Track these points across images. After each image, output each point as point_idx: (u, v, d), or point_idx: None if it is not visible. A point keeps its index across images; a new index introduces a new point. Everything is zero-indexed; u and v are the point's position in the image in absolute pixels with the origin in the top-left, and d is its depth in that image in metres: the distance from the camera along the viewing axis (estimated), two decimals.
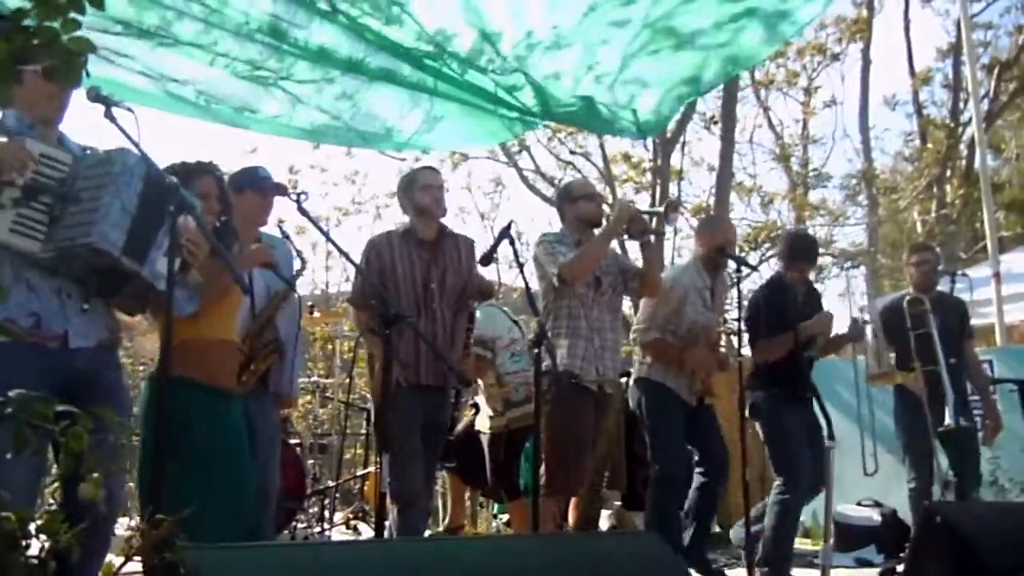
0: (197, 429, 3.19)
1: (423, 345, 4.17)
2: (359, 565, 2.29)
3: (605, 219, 4.72)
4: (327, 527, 6.75)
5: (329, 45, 4.55)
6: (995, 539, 3.60)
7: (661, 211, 4.67)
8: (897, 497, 5.74)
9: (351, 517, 7.23)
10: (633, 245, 6.16)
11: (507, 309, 6.19)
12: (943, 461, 5.22)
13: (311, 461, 7.61)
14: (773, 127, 17.22)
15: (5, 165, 2.66)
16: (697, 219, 15.02)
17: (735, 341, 5.00)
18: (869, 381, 5.35)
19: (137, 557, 1.65)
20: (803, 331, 4.91)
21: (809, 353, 5.03)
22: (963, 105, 15.69)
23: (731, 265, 5.03)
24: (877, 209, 16.78)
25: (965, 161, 15.10)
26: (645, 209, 4.73)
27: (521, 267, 4.19)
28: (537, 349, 3.86)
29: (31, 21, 1.46)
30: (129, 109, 2.72)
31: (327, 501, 7.11)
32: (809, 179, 17.32)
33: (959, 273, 5.56)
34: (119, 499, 3.11)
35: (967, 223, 15.96)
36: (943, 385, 5.09)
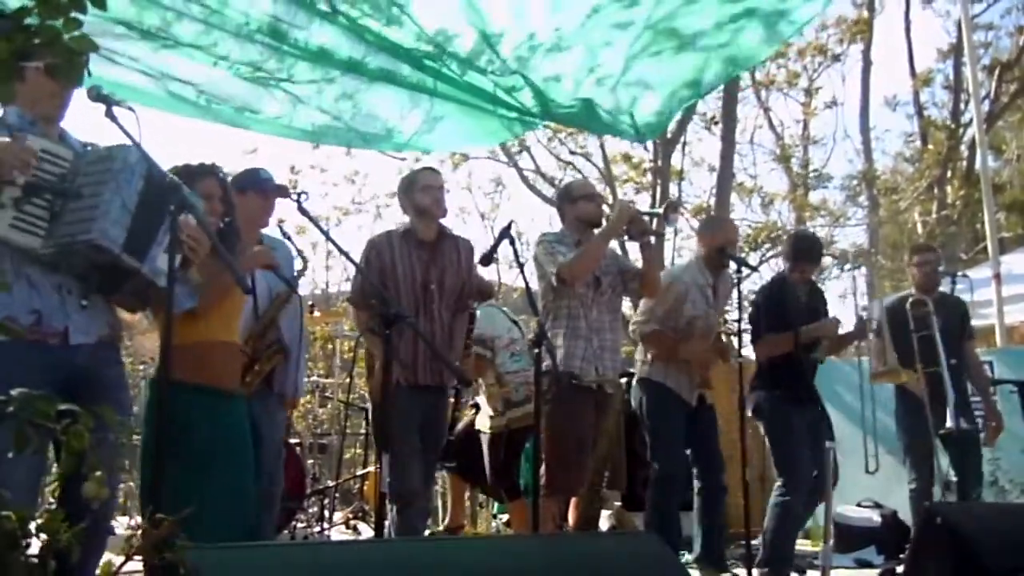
0: (198, 431, 3.18)
1: (421, 345, 4.18)
2: (359, 565, 2.29)
3: (605, 219, 4.73)
4: (327, 527, 6.75)
5: (329, 46, 4.55)
6: (995, 540, 3.60)
7: (661, 212, 4.67)
8: (897, 498, 5.74)
9: (351, 517, 7.23)
10: (633, 246, 6.17)
11: (506, 309, 6.19)
12: (944, 462, 5.22)
13: (311, 461, 7.62)
14: (774, 128, 17.27)
15: (6, 165, 2.66)
16: (698, 219, 15.05)
17: (735, 341, 4.99)
18: (872, 379, 5.35)
19: (137, 557, 1.65)
20: (804, 334, 4.92)
21: (814, 356, 5.02)
22: (964, 106, 15.72)
23: (732, 265, 5.04)
24: (878, 210, 16.80)
25: (966, 162, 15.12)
26: (645, 210, 4.73)
27: (521, 267, 4.20)
28: (537, 349, 3.87)
29: (33, 20, 1.47)
30: (130, 108, 2.71)
31: (327, 501, 7.11)
32: (810, 180, 17.35)
33: (959, 274, 5.57)
34: (115, 497, 3.10)
35: (968, 224, 15.97)
36: (944, 386, 5.09)
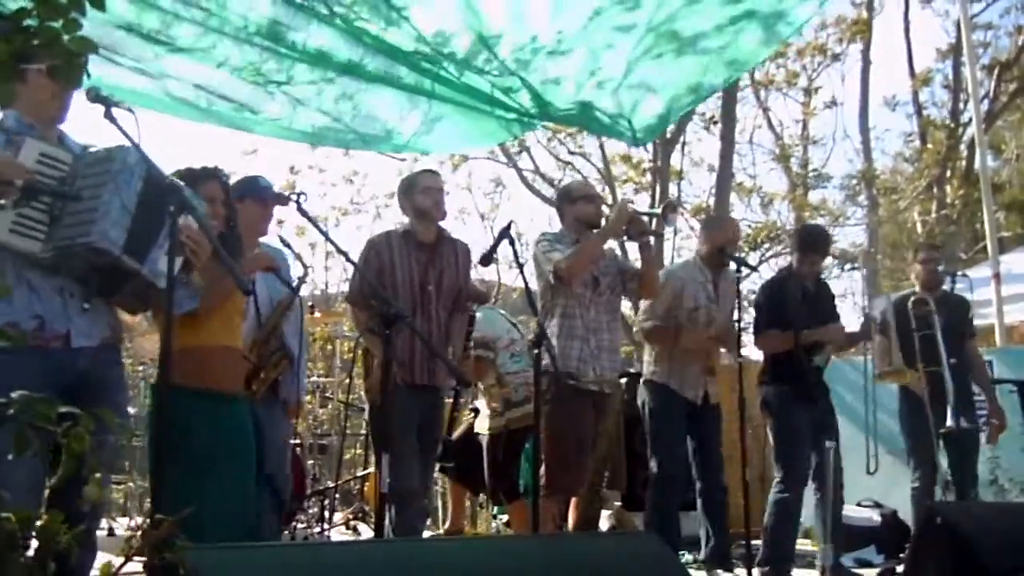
0: (199, 435, 3.18)
1: (418, 345, 4.20)
2: (359, 565, 2.29)
3: (604, 220, 4.73)
4: (327, 527, 6.74)
5: (327, 48, 4.55)
6: (995, 539, 3.60)
7: (659, 212, 4.67)
8: (897, 498, 5.74)
9: (351, 517, 7.22)
10: (633, 246, 6.18)
11: (504, 311, 6.22)
12: (943, 461, 5.22)
13: (311, 461, 7.61)
14: (773, 128, 17.24)
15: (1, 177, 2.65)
16: (697, 219, 15.05)
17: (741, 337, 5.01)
18: (877, 379, 5.35)
19: (138, 557, 1.65)
20: (805, 337, 4.94)
21: (816, 361, 5.02)
22: (963, 106, 15.71)
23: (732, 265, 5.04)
24: (877, 210, 16.79)
25: (965, 162, 15.11)
26: (644, 210, 4.73)
27: (521, 267, 4.21)
28: (537, 349, 3.87)
29: (32, 21, 1.47)
30: (129, 109, 2.70)
31: (327, 501, 7.10)
32: (809, 180, 17.34)
33: (959, 273, 5.57)
34: (108, 500, 3.10)
35: (967, 223, 15.97)
36: (946, 386, 5.10)
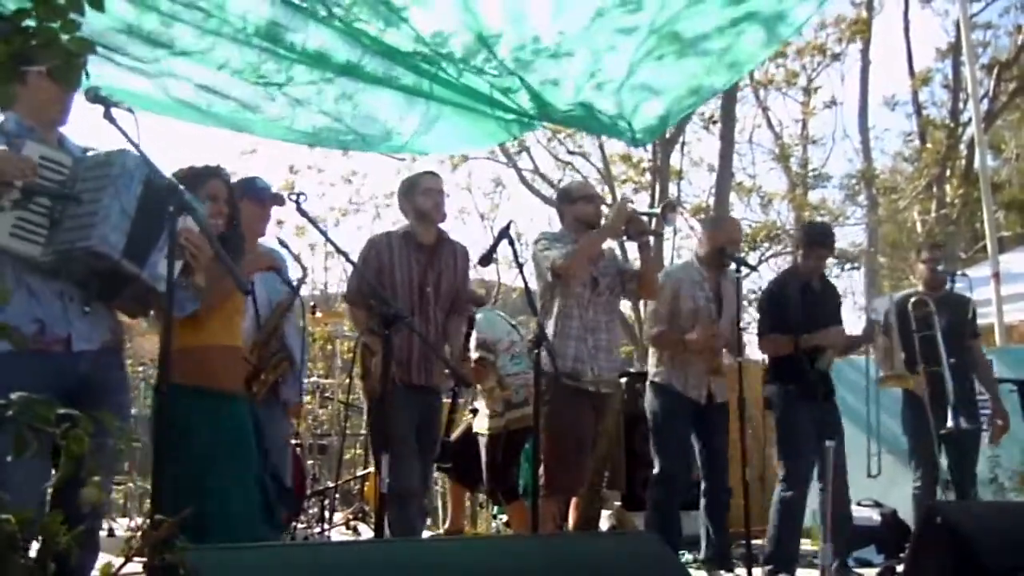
0: (199, 434, 3.18)
1: (415, 345, 4.21)
2: (359, 565, 2.29)
3: (604, 220, 4.72)
4: (327, 528, 6.74)
5: (326, 49, 4.54)
6: (995, 539, 3.60)
7: (659, 212, 4.67)
8: (897, 497, 5.74)
9: (351, 518, 7.22)
10: (633, 247, 6.18)
11: (504, 313, 6.23)
12: (943, 462, 5.22)
13: (311, 462, 7.61)
14: (772, 127, 17.24)
15: (6, 175, 2.64)
16: (697, 219, 15.05)
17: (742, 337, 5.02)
18: (880, 384, 5.36)
19: (138, 558, 1.65)
20: (805, 341, 4.95)
21: (818, 365, 5.02)
22: (963, 105, 15.71)
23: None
24: (877, 209, 16.80)
25: (965, 161, 15.10)
26: (643, 210, 4.73)
27: (520, 267, 4.21)
28: (536, 350, 3.87)
29: (31, 22, 1.46)
30: (129, 109, 2.69)
31: (327, 502, 7.10)
32: (809, 179, 17.34)
33: (959, 273, 5.56)
34: (108, 501, 3.10)
35: (967, 223, 15.98)
36: (946, 386, 5.10)
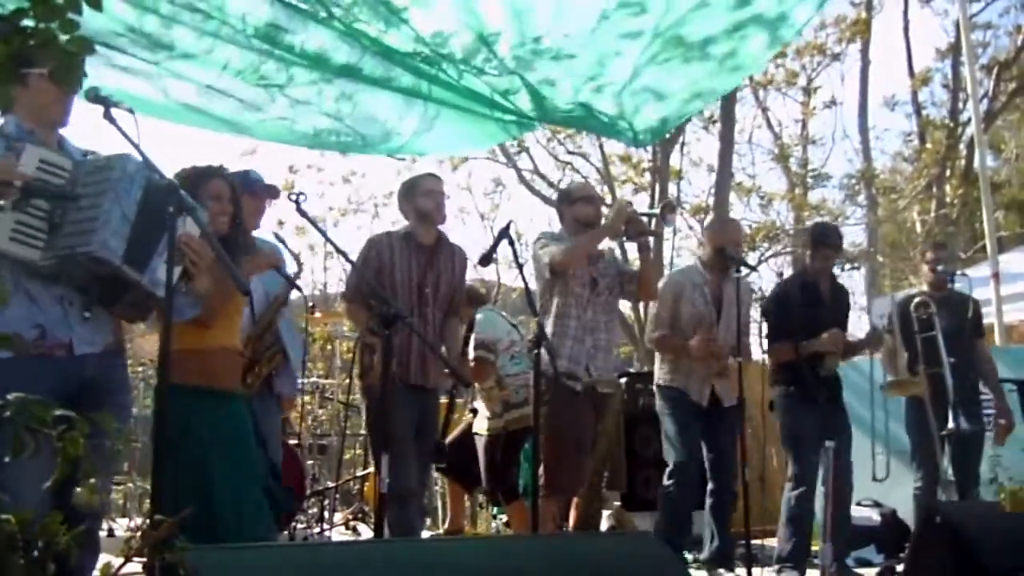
0: (198, 433, 3.19)
1: (413, 345, 4.21)
2: (359, 565, 2.29)
3: (603, 221, 4.72)
4: (327, 528, 6.74)
5: (325, 50, 4.54)
6: (995, 539, 3.60)
7: (658, 212, 4.67)
8: (897, 497, 5.74)
9: (351, 518, 7.23)
10: (633, 247, 6.18)
11: (504, 313, 6.22)
12: (945, 462, 5.22)
13: (311, 462, 7.61)
14: (772, 127, 17.23)
15: None
16: (697, 219, 15.05)
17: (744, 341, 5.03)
18: (884, 391, 5.36)
19: (137, 557, 1.65)
20: (804, 348, 4.96)
21: (819, 370, 5.01)
22: (962, 105, 15.71)
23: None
24: (876, 209, 16.79)
25: (964, 161, 15.09)
26: (642, 210, 4.73)
27: (520, 267, 4.21)
28: (536, 350, 3.86)
29: (30, 22, 1.46)
30: (129, 110, 2.67)
31: (327, 502, 7.10)
32: (808, 179, 17.33)
33: (958, 273, 5.56)
34: (107, 501, 3.09)
35: (966, 223, 15.97)
36: (947, 386, 5.10)
